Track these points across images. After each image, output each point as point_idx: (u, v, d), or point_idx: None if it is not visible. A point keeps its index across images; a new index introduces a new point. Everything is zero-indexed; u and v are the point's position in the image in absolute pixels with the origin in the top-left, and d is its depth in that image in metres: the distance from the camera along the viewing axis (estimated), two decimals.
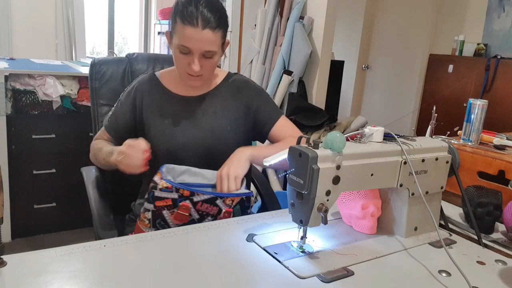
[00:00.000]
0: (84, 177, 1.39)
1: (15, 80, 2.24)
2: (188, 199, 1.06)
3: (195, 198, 1.07)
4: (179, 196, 1.06)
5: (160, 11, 3.92)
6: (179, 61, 1.18)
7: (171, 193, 1.06)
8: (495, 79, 3.47)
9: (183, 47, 1.14)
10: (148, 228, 1.08)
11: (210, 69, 1.21)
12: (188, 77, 1.20)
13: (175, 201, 1.06)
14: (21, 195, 2.35)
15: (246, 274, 0.80)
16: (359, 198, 1.01)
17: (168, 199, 1.06)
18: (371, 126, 0.95)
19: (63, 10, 3.55)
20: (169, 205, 1.06)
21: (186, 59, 1.16)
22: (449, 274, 0.84)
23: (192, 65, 1.15)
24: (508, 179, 1.24)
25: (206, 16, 1.11)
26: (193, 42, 1.12)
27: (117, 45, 4.47)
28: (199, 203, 1.07)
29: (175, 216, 1.07)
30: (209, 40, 1.13)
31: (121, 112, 1.29)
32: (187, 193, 1.07)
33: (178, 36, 1.14)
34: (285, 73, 2.67)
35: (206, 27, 1.11)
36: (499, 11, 3.68)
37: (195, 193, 1.07)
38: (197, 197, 1.07)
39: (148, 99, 1.27)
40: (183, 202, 1.06)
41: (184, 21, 1.11)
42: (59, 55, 3.58)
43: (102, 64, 1.51)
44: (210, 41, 1.14)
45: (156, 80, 1.30)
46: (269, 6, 2.76)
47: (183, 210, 1.06)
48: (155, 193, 1.06)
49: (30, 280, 0.71)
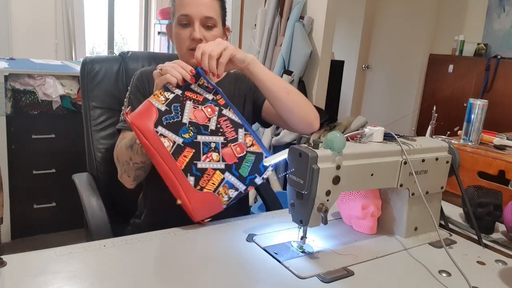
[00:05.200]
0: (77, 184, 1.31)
1: (15, 80, 2.24)
2: (218, 107, 1.03)
3: (225, 112, 1.04)
4: (212, 100, 1.04)
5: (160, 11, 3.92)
6: (180, 36, 1.17)
7: (208, 94, 1.04)
8: (495, 79, 3.47)
9: (183, 16, 1.14)
10: (160, 104, 1.01)
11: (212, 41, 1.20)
12: (191, 53, 1.14)
13: (206, 101, 1.04)
14: (21, 195, 2.35)
15: (246, 274, 0.80)
16: (359, 198, 1.01)
17: (201, 95, 1.04)
18: (371, 126, 0.95)
19: (63, 10, 3.55)
20: (197, 100, 1.03)
21: (187, 32, 1.15)
22: (449, 274, 0.84)
23: (194, 33, 1.14)
24: (508, 179, 1.24)
25: None
26: (192, 6, 1.13)
27: (117, 45, 4.47)
28: (224, 117, 1.03)
29: (196, 112, 1.02)
30: (207, 5, 1.15)
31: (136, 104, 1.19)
32: (222, 101, 1.04)
33: (177, 9, 1.15)
34: (285, 73, 2.67)
35: None
36: (499, 11, 3.68)
37: (228, 107, 1.04)
38: (226, 112, 1.04)
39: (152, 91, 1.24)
40: (212, 104, 1.03)
41: None
42: (59, 55, 3.57)
43: (94, 63, 1.42)
44: (209, 5, 1.15)
45: None
46: (269, 6, 2.76)
47: (208, 111, 1.03)
48: (191, 85, 1.03)
49: (30, 280, 0.71)
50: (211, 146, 1.00)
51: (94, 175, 1.38)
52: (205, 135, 1.00)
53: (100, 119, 1.43)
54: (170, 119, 0.99)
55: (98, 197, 1.23)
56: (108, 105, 1.40)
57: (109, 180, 1.27)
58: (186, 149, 0.98)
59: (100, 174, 1.36)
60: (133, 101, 1.22)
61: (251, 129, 1.05)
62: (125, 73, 1.45)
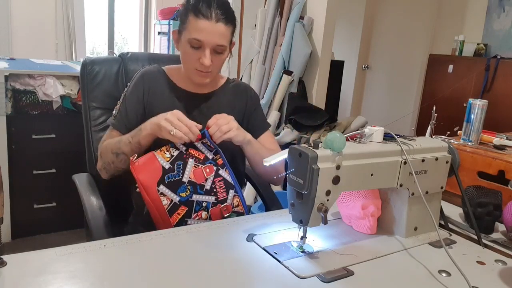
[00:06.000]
0: (77, 184, 1.31)
1: (15, 80, 2.24)
2: (216, 167, 1.10)
3: (221, 172, 1.11)
4: (212, 159, 1.10)
5: (160, 11, 3.92)
6: (189, 56, 1.18)
7: (209, 152, 1.11)
8: (495, 79, 3.47)
9: (195, 41, 1.14)
10: (165, 161, 1.07)
11: (218, 66, 1.22)
12: (197, 73, 1.20)
13: (206, 160, 1.10)
14: (21, 195, 2.35)
15: (246, 274, 0.80)
16: (359, 198, 1.01)
17: (203, 154, 1.10)
18: (371, 126, 0.95)
19: (63, 10, 3.55)
20: (199, 158, 1.09)
21: (197, 54, 1.16)
22: (449, 274, 0.84)
23: (203, 58, 1.15)
24: (508, 179, 1.24)
25: (219, 11, 1.14)
26: (206, 34, 1.14)
27: (117, 45, 4.47)
28: (220, 178, 1.10)
29: (196, 171, 1.08)
30: (221, 33, 1.15)
31: (130, 105, 1.24)
32: (221, 162, 1.11)
33: (190, 30, 1.15)
34: (285, 73, 2.67)
35: (220, 21, 1.14)
36: (499, 11, 3.68)
37: (225, 169, 1.11)
38: (223, 172, 1.11)
39: (156, 90, 1.26)
40: (211, 165, 1.10)
41: (198, 14, 1.13)
42: (59, 55, 3.58)
43: (94, 63, 1.43)
44: (222, 34, 1.16)
45: (163, 73, 1.29)
46: (269, 6, 2.76)
47: (207, 171, 1.09)
48: (196, 144, 1.09)
49: (30, 280, 0.71)
50: (203, 205, 1.08)
51: (94, 175, 1.38)
52: (200, 195, 1.08)
53: (100, 120, 1.43)
54: (172, 178, 1.06)
55: (98, 197, 1.24)
56: (108, 105, 1.41)
57: (109, 180, 1.27)
58: (181, 207, 1.07)
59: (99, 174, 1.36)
60: (127, 102, 1.25)
61: (240, 190, 1.15)
62: (125, 74, 1.46)
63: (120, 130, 1.24)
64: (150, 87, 1.25)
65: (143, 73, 1.28)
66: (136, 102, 1.24)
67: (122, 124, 1.24)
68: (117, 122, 1.25)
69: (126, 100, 1.26)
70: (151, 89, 1.25)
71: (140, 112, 1.24)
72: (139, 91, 1.25)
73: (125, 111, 1.24)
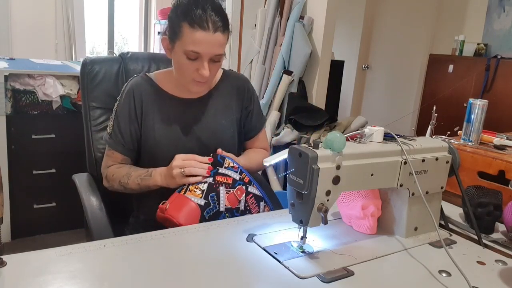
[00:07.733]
0: (77, 184, 1.31)
1: (15, 80, 2.24)
2: (245, 185, 1.12)
3: (250, 189, 1.13)
4: (239, 179, 1.12)
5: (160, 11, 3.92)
6: (186, 67, 1.12)
7: (235, 173, 1.12)
8: (495, 79, 3.46)
9: (193, 53, 1.08)
10: (198, 198, 1.06)
11: (215, 73, 1.18)
12: (195, 83, 1.15)
13: (235, 182, 1.11)
14: (21, 195, 2.35)
15: (246, 274, 0.80)
16: (359, 198, 1.01)
17: (230, 177, 1.11)
18: (371, 126, 0.95)
19: (63, 10, 3.55)
20: (228, 183, 1.10)
21: (194, 65, 1.11)
22: (449, 274, 0.84)
23: (202, 70, 1.10)
24: (508, 179, 1.24)
25: (215, 18, 1.07)
26: (204, 46, 1.08)
27: (117, 45, 4.47)
28: (250, 195, 1.13)
29: (229, 196, 1.10)
30: (219, 43, 1.10)
31: (123, 122, 1.21)
32: (247, 179, 1.13)
33: (186, 42, 1.08)
34: (285, 73, 2.67)
35: (217, 30, 1.08)
36: (499, 11, 3.68)
37: (252, 184, 1.13)
38: (251, 188, 1.13)
39: (147, 102, 1.21)
40: (241, 185, 1.12)
41: (194, 24, 1.06)
42: (59, 55, 3.58)
43: (94, 63, 1.42)
44: (221, 44, 1.10)
45: (150, 81, 1.24)
46: (269, 6, 2.76)
47: (238, 193, 1.11)
48: (219, 169, 1.10)
49: (30, 280, 0.71)
50: None
51: (94, 175, 1.38)
52: (236, 217, 1.10)
53: (100, 119, 1.43)
54: (211, 212, 1.08)
55: (98, 197, 1.24)
56: (108, 105, 1.40)
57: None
58: None
59: (100, 174, 1.36)
60: (119, 119, 1.21)
61: (267, 198, 1.19)
62: (125, 73, 1.45)
63: (117, 150, 1.22)
64: (141, 100, 1.21)
65: (130, 88, 1.22)
66: (128, 119, 1.21)
67: (119, 144, 1.21)
68: (114, 142, 1.22)
69: (118, 117, 1.22)
70: (143, 102, 1.21)
71: (134, 128, 1.21)
72: (130, 108, 1.21)
73: (118, 130, 1.21)
